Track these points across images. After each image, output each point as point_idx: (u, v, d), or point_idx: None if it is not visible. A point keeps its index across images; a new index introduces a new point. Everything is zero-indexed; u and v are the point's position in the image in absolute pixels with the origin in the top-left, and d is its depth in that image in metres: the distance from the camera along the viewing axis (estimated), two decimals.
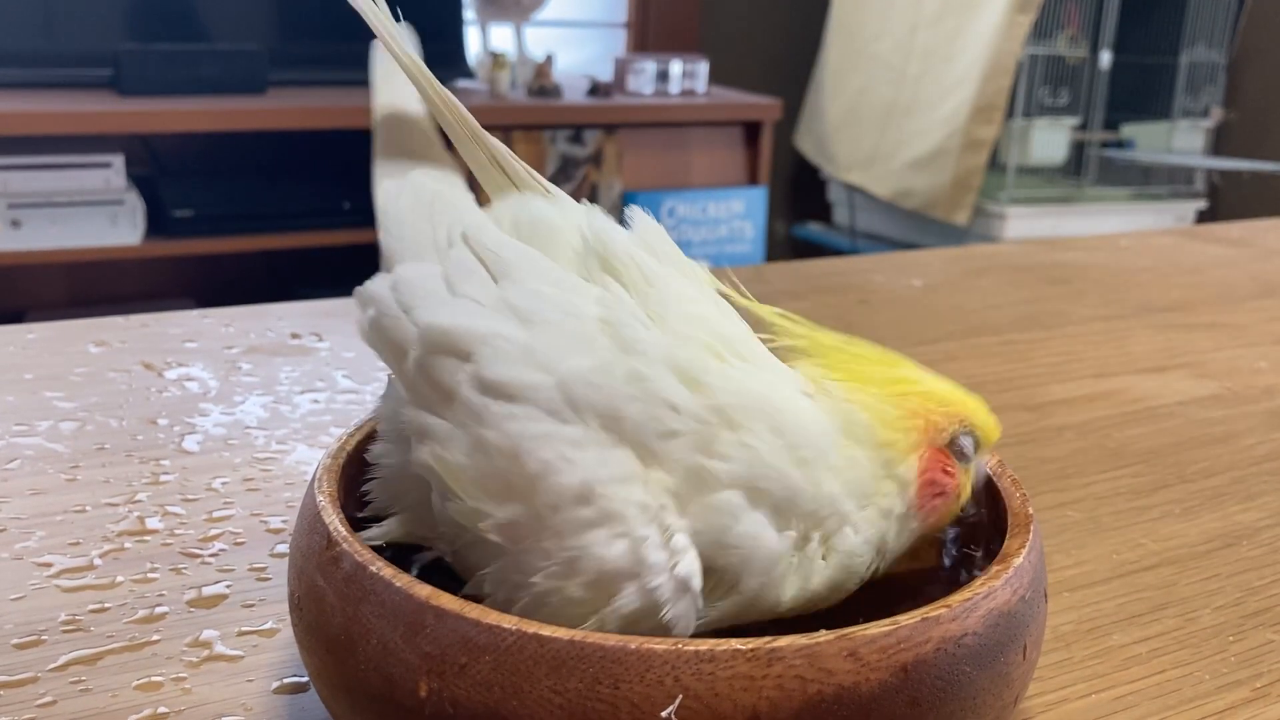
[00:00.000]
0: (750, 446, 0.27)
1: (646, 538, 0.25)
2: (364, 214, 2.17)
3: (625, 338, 0.27)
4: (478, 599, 0.26)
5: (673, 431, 0.26)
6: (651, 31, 2.53)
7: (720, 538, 0.26)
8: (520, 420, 0.26)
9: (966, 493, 0.31)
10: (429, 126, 0.35)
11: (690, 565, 0.26)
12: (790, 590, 0.27)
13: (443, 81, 0.32)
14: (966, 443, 0.30)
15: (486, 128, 0.32)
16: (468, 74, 2.15)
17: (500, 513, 0.26)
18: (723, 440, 0.27)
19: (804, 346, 0.30)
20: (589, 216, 0.30)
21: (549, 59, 2.13)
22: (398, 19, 0.33)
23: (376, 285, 0.30)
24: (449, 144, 0.34)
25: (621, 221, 0.31)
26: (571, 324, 0.27)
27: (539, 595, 0.26)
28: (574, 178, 2.08)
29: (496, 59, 2.05)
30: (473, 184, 0.33)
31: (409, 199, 0.32)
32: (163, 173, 1.98)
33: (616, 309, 0.28)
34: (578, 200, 0.31)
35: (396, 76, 0.34)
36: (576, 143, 2.07)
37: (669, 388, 0.27)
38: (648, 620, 0.25)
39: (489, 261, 0.29)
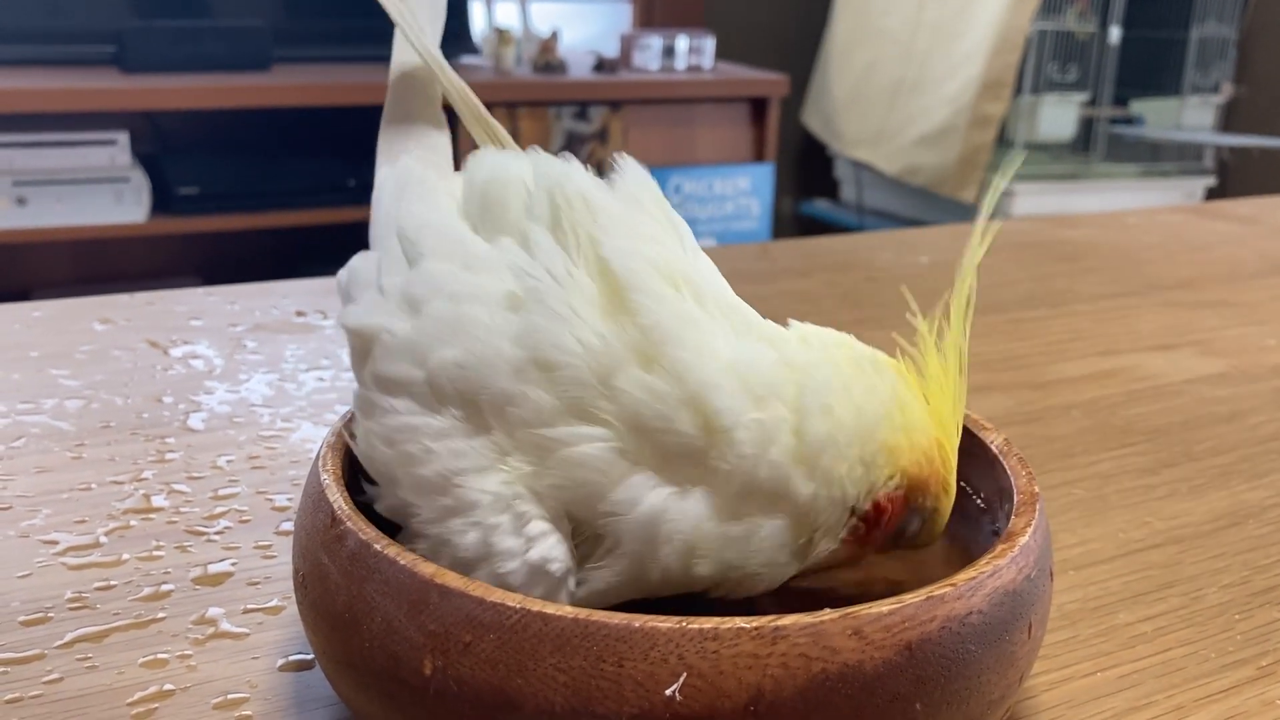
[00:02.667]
0: (646, 385, 0.26)
1: (497, 526, 0.26)
2: (369, 191, 2.16)
3: (530, 298, 0.27)
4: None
5: (538, 403, 0.26)
6: (657, 7, 2.52)
7: (581, 492, 0.26)
8: (397, 414, 0.28)
9: (864, 559, 0.29)
10: (433, 93, 0.36)
11: (545, 551, 0.26)
12: (674, 555, 0.26)
13: (448, 57, 0.33)
14: (918, 524, 0.29)
15: (491, 104, 0.33)
16: (472, 50, 2.14)
17: (386, 497, 0.28)
18: (622, 377, 0.26)
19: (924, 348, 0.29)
20: (547, 164, 0.30)
21: (554, 35, 2.12)
22: None
23: (341, 278, 0.32)
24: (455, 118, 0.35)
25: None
26: (453, 309, 0.28)
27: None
28: (579, 155, 2.07)
29: (501, 35, 2.04)
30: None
31: (391, 186, 0.33)
32: (168, 150, 1.98)
33: (526, 272, 0.28)
34: None
35: (409, 49, 0.36)
36: (582, 119, 2.07)
37: (555, 346, 0.26)
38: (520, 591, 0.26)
39: (407, 248, 0.30)
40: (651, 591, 0.27)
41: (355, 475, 0.31)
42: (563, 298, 0.27)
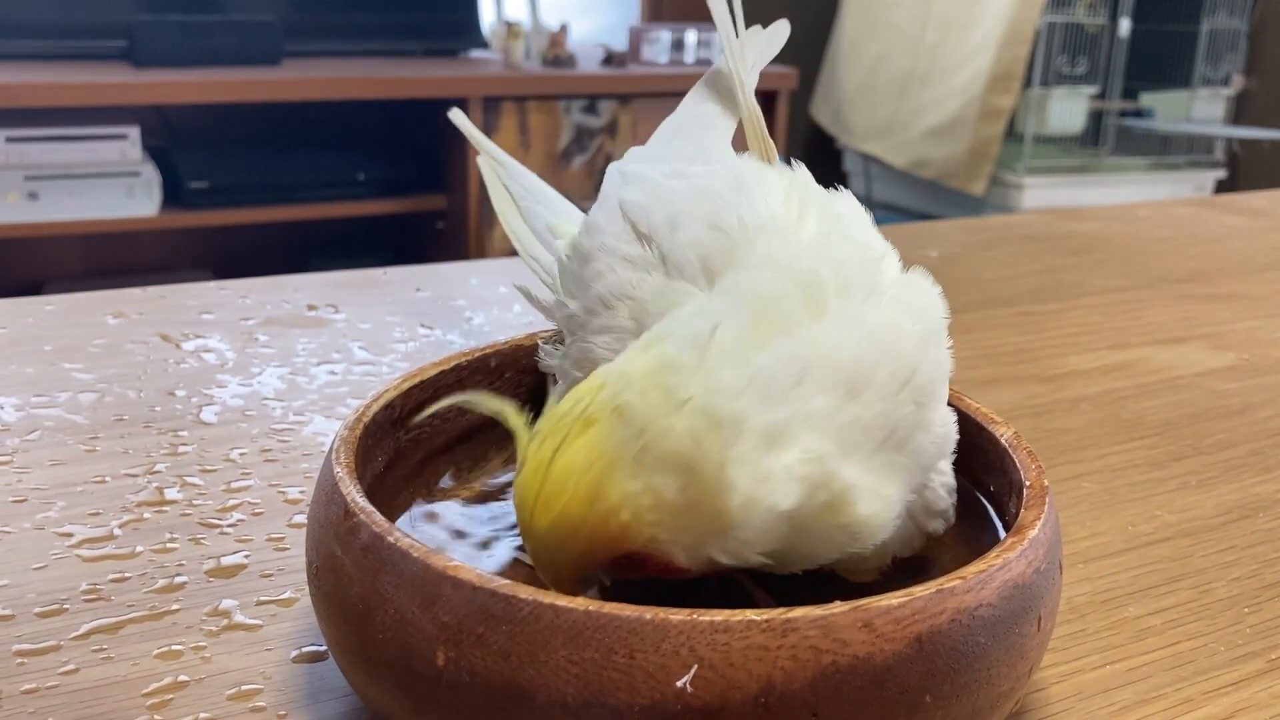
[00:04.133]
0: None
1: (623, 347, 0.28)
2: (379, 185, 2.17)
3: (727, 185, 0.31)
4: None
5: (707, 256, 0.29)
6: (666, 1, 2.51)
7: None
8: (602, 234, 0.32)
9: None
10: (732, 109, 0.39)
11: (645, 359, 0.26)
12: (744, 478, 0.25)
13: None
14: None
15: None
16: (481, 44, 2.14)
17: (569, 304, 0.33)
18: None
19: None
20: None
21: (563, 28, 2.12)
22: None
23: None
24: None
25: None
26: (704, 181, 0.32)
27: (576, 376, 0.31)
28: (588, 148, 2.07)
29: (510, 28, 2.04)
30: None
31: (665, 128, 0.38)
32: (179, 144, 1.98)
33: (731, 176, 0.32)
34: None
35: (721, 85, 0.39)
36: (591, 113, 2.06)
37: (727, 223, 0.29)
38: None
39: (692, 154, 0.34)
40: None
41: (367, 467, 0.31)
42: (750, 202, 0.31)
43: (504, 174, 0.46)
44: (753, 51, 0.39)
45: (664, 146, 0.37)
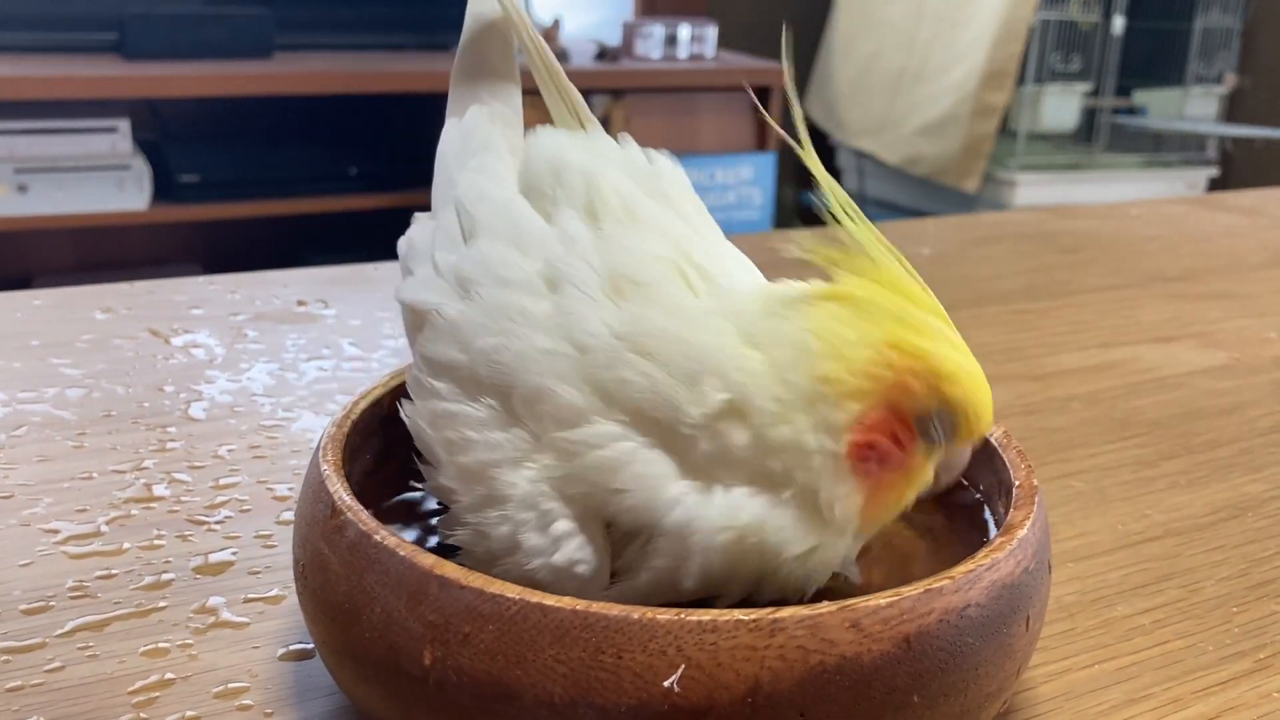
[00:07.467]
0: (647, 375, 0.26)
1: (525, 522, 0.27)
2: (370, 180, 2.16)
3: (562, 290, 0.28)
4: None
5: (565, 400, 0.27)
6: None
7: (606, 497, 0.26)
8: (440, 398, 0.28)
9: (924, 478, 0.27)
10: (508, 42, 0.36)
11: (570, 553, 0.26)
12: (695, 553, 0.26)
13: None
14: (938, 423, 0.26)
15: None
16: None
17: (431, 478, 0.29)
18: (624, 365, 0.26)
19: (839, 264, 0.28)
20: (601, 150, 0.31)
21: (556, 23, 2.12)
22: None
23: (401, 241, 0.32)
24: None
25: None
26: (498, 295, 0.28)
27: (465, 547, 0.28)
28: None
29: None
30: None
31: (456, 142, 0.33)
32: (169, 138, 1.97)
33: (563, 262, 0.28)
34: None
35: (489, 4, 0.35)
36: None
37: (582, 336, 0.27)
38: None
39: (464, 222, 0.30)
40: (689, 595, 0.27)
41: (355, 464, 0.31)
42: (594, 283, 0.28)
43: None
44: None
45: (444, 207, 0.32)
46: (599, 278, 0.28)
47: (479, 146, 0.32)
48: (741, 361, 0.26)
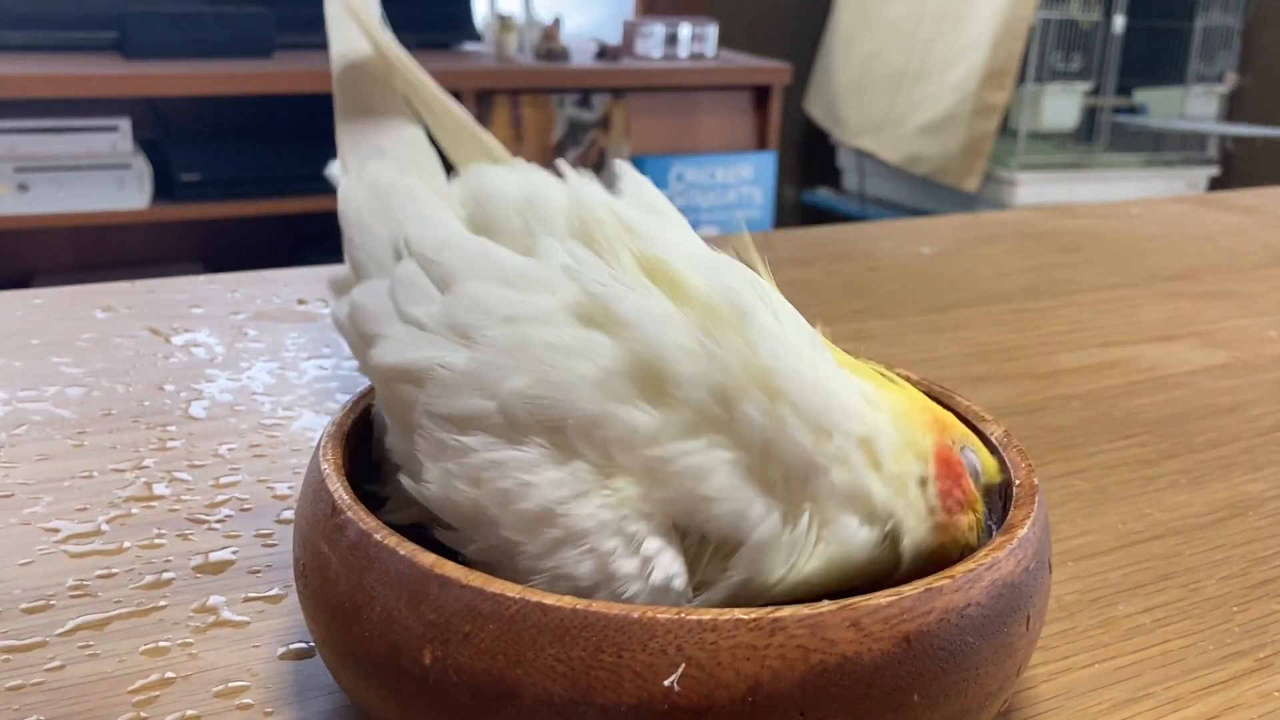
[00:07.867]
0: (769, 414, 0.26)
1: (613, 551, 0.26)
2: None
3: (609, 306, 0.27)
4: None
5: (627, 422, 0.26)
6: None
7: (693, 496, 0.26)
8: (474, 451, 0.26)
9: (980, 510, 0.29)
10: (392, 84, 0.34)
11: (666, 569, 0.26)
12: (779, 566, 0.26)
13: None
14: (973, 458, 0.29)
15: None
16: (474, 37, 2.13)
17: (479, 539, 0.27)
18: (749, 401, 0.26)
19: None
20: (549, 178, 0.30)
21: (556, 22, 2.12)
22: None
23: (341, 316, 0.30)
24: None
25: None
26: (514, 332, 0.27)
27: None
28: (581, 142, 2.07)
29: (503, 21, 2.04)
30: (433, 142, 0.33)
31: (365, 199, 0.31)
32: (169, 136, 1.98)
33: (596, 281, 0.27)
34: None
35: (348, 26, 0.33)
36: (584, 107, 2.06)
37: (671, 357, 0.26)
38: None
39: (432, 272, 0.29)
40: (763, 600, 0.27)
41: (356, 463, 0.31)
42: (661, 307, 0.26)
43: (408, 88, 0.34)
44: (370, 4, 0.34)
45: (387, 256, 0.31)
46: (660, 299, 0.27)
47: (406, 200, 0.31)
48: (865, 408, 0.27)
